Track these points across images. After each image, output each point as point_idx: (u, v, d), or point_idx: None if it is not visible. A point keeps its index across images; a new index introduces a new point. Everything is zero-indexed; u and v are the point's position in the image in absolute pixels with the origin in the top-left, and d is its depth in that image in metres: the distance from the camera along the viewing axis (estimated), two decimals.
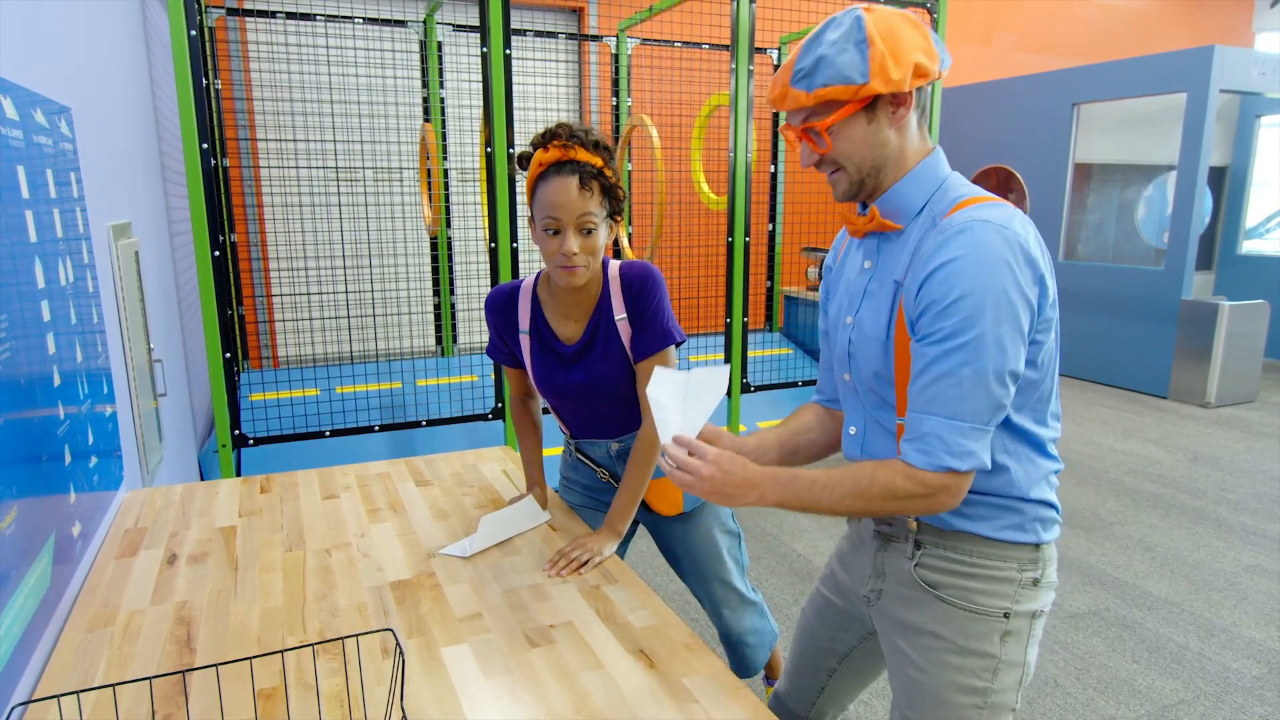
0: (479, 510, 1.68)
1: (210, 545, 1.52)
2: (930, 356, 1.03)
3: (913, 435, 1.05)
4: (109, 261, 1.87)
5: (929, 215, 1.10)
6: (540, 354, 1.62)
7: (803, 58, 1.08)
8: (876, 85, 1.04)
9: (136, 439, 1.98)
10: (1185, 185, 5.55)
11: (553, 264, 1.48)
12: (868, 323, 1.14)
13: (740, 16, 3.70)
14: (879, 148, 1.10)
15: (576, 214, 1.43)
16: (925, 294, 1.03)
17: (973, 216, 1.03)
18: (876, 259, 1.16)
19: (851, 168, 1.12)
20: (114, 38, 2.29)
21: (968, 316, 1.00)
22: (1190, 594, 2.92)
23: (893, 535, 1.22)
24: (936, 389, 1.03)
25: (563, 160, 1.43)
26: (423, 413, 3.77)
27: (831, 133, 1.09)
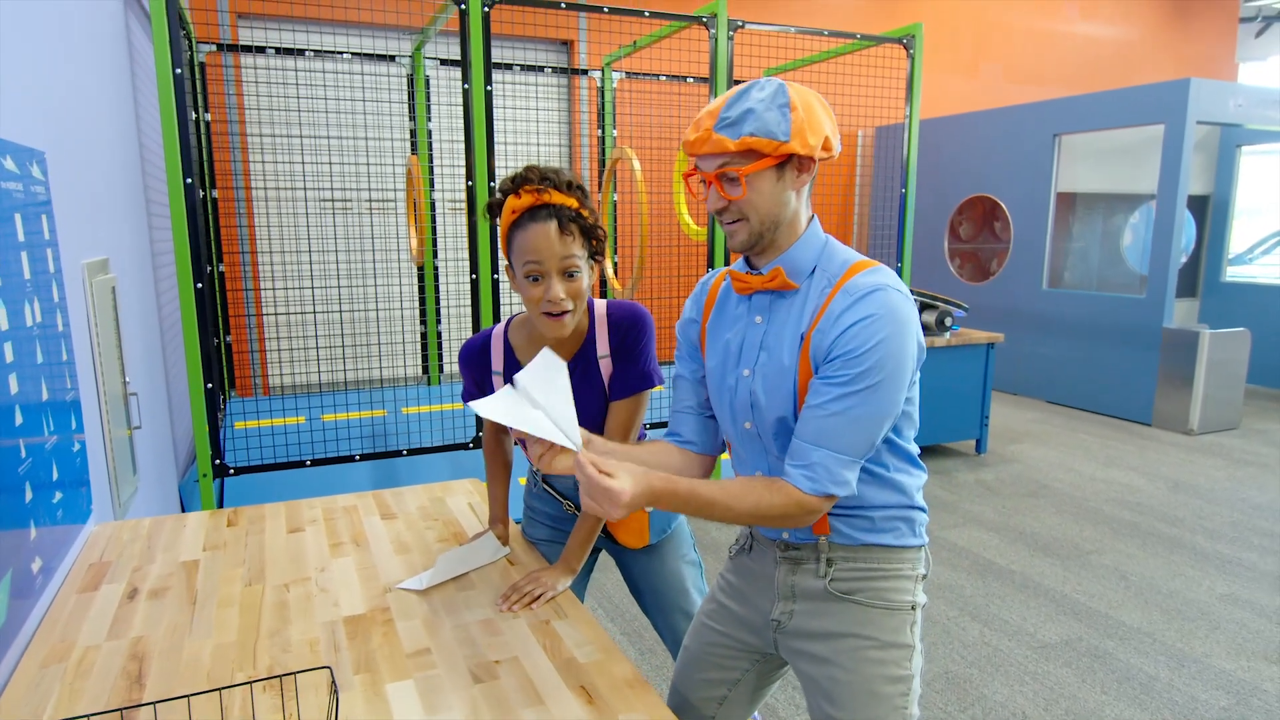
0: (441, 544, 1.70)
1: (172, 579, 1.54)
2: (830, 395, 1.14)
3: (801, 462, 1.16)
4: (83, 298, 1.91)
5: (822, 275, 1.22)
6: None
7: (729, 108, 1.16)
8: (795, 145, 1.14)
9: (108, 472, 2.00)
10: (1165, 215, 5.62)
11: (537, 311, 1.44)
12: (771, 373, 1.23)
13: (719, 51, 3.78)
14: (780, 206, 1.20)
15: (559, 258, 1.40)
16: (839, 345, 1.14)
17: (878, 281, 1.16)
18: (769, 315, 1.26)
19: (755, 219, 1.20)
20: (96, 78, 2.35)
21: (871, 368, 1.13)
22: (1163, 624, 2.94)
23: (801, 558, 1.31)
24: (830, 424, 1.14)
25: (537, 205, 1.40)
26: (407, 441, 3.80)
27: (747, 181, 1.17)
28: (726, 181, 1.18)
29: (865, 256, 1.24)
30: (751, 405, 1.27)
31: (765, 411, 1.25)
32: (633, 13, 3.74)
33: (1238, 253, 7.43)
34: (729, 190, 1.18)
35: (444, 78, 5.13)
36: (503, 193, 1.48)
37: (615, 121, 5.35)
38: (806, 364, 1.19)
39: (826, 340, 1.16)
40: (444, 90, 5.20)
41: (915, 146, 4.51)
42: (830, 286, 1.20)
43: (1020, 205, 6.54)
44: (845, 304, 1.15)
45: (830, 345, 1.15)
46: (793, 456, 1.18)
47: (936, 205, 7.18)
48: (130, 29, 3.07)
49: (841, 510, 1.26)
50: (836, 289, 1.18)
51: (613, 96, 5.30)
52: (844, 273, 1.20)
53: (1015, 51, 8.44)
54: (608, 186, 4.92)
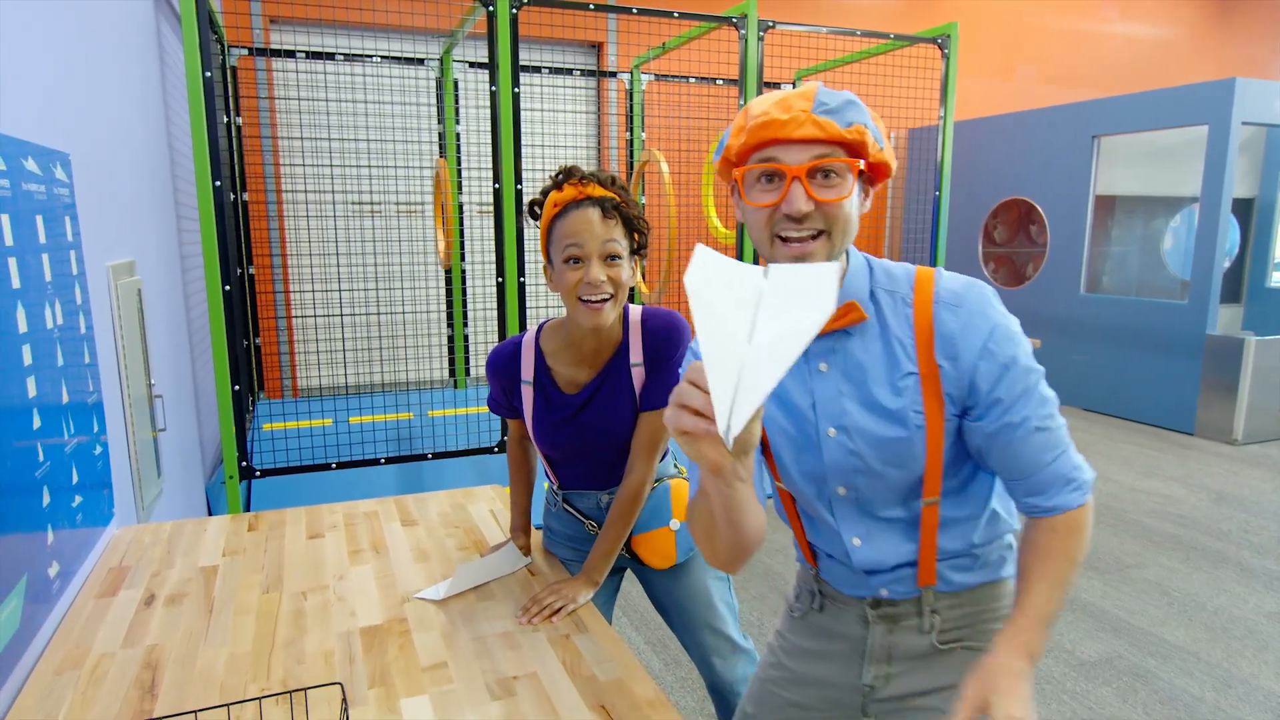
0: (462, 553, 1.67)
1: (190, 585, 1.52)
2: (1024, 409, 1.01)
3: (1057, 486, 1.03)
4: (108, 300, 1.91)
5: (888, 297, 1.05)
6: (542, 406, 1.58)
7: (826, 96, 0.97)
8: (886, 156, 1.00)
9: (132, 475, 2.00)
10: (1208, 219, 5.47)
11: (575, 298, 1.41)
12: (875, 424, 1.04)
13: (749, 52, 3.73)
14: (855, 225, 1.02)
15: (600, 240, 1.38)
16: (992, 361, 1.00)
17: (961, 277, 1.04)
18: (833, 359, 1.06)
19: (838, 234, 0.99)
20: (124, 81, 2.36)
21: (1026, 366, 1.02)
22: (1208, 642, 2.83)
23: (899, 615, 1.16)
24: (1043, 437, 1.02)
25: (580, 198, 1.40)
26: (433, 444, 3.79)
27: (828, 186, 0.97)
28: (820, 177, 0.97)
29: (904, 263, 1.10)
30: (855, 470, 1.07)
31: (884, 474, 1.06)
32: (662, 13, 3.70)
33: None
34: (822, 190, 0.96)
35: (472, 81, 5.13)
36: (544, 193, 1.48)
37: (644, 124, 5.32)
38: (936, 404, 1.02)
39: (966, 363, 1.00)
40: (472, 93, 5.21)
41: (950, 148, 4.43)
42: (910, 305, 1.03)
43: (1057, 208, 6.40)
44: (956, 319, 1.00)
45: (976, 365, 1.00)
46: (1040, 486, 1.03)
47: (970, 208, 7.05)
48: (161, 33, 3.09)
49: (947, 554, 1.12)
50: (925, 303, 1.02)
51: (641, 99, 5.27)
52: (914, 284, 1.04)
53: (1051, 52, 8.28)
54: (635, 189, 4.88)
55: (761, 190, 0.99)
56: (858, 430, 1.05)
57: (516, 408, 1.63)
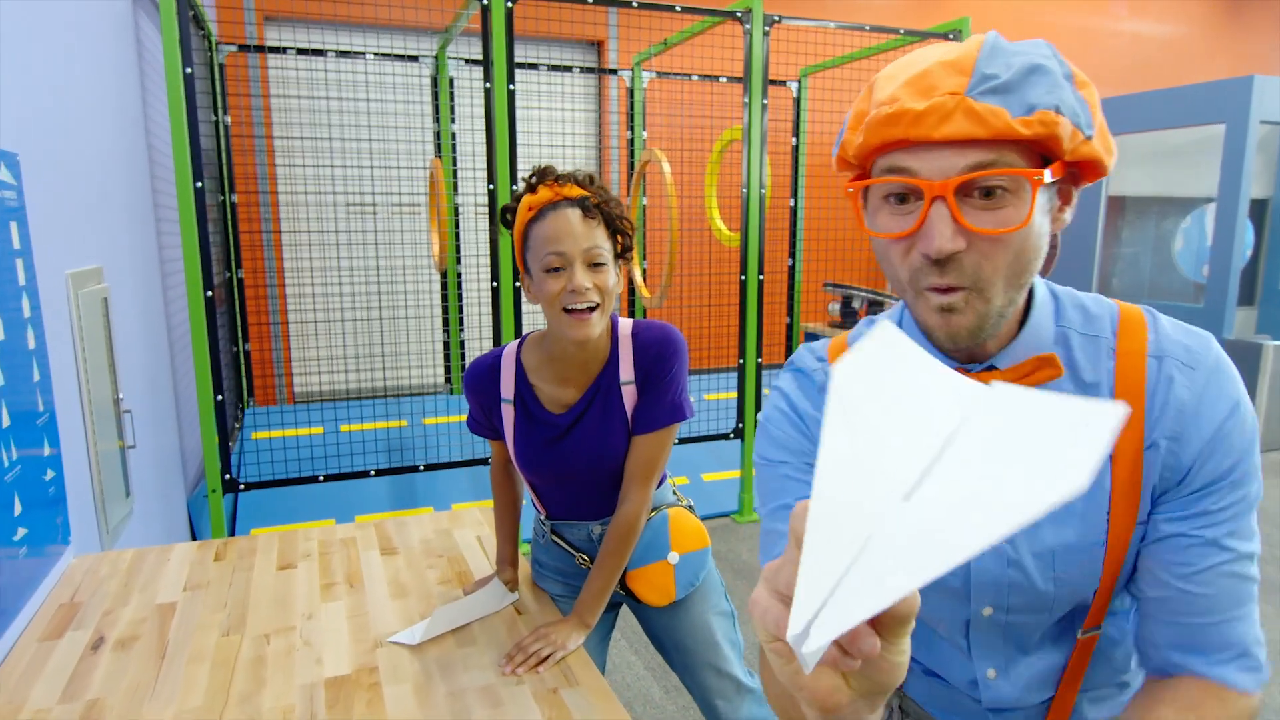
0: (443, 587, 1.54)
1: (143, 626, 1.39)
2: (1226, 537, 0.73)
3: (1231, 651, 0.73)
4: (67, 311, 1.78)
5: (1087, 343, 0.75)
6: (524, 426, 1.44)
7: (989, 63, 0.62)
8: (1097, 149, 0.64)
9: (95, 497, 1.87)
10: (1225, 220, 5.32)
11: (558, 308, 1.29)
12: (1052, 528, 0.75)
13: (754, 48, 3.59)
14: (1036, 261, 0.68)
15: (584, 245, 1.27)
16: (1212, 460, 0.72)
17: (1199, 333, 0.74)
18: None
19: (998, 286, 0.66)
20: (93, 77, 2.23)
21: (1249, 473, 0.74)
22: None
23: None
24: (1230, 584, 0.73)
25: (557, 199, 1.29)
26: (427, 455, 3.65)
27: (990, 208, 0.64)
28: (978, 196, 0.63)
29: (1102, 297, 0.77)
30: (1011, 587, 0.79)
31: (1049, 595, 0.78)
32: (664, 7, 3.56)
33: None
34: (978, 217, 0.63)
35: (469, 78, 5.00)
36: (515, 199, 1.36)
37: (645, 123, 5.18)
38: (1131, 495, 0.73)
39: (1193, 448, 0.72)
40: (469, 91, 5.07)
41: None
42: (1113, 356, 0.74)
43: None
44: (1199, 383, 0.71)
45: (1198, 456, 0.71)
46: (1206, 647, 0.74)
47: None
48: (140, 27, 2.96)
49: (1092, 684, 0.86)
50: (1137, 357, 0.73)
51: (643, 97, 5.13)
52: (1121, 328, 0.74)
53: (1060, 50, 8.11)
54: (637, 190, 4.75)
55: (890, 214, 0.67)
56: (1028, 534, 0.77)
57: (497, 428, 1.49)
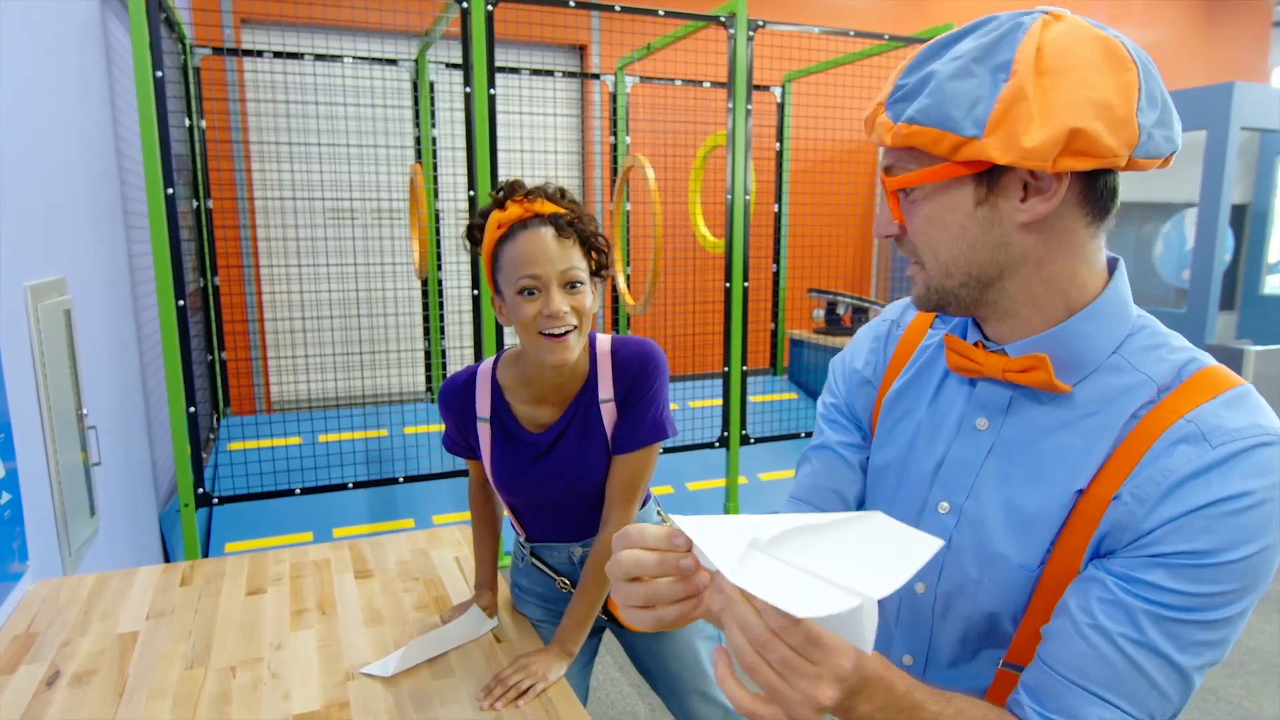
0: (419, 613, 1.48)
1: (103, 659, 1.32)
2: (1141, 616, 0.66)
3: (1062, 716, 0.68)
4: (25, 326, 1.70)
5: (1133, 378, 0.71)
6: (502, 445, 1.39)
7: (910, 70, 0.70)
8: (989, 148, 0.65)
9: (56, 518, 1.79)
10: (1206, 225, 5.35)
11: (534, 332, 1.24)
12: (999, 532, 0.74)
13: (738, 53, 3.55)
14: (988, 250, 0.71)
15: (559, 266, 1.21)
16: (1178, 534, 0.65)
17: (1266, 428, 0.66)
18: (1003, 422, 0.76)
19: (932, 265, 0.73)
20: (54, 80, 2.15)
21: (1236, 590, 0.65)
22: (1226, 678, 2.67)
23: None
24: (1138, 671, 0.66)
25: (528, 216, 1.23)
26: (407, 466, 3.59)
27: (911, 201, 0.72)
28: (904, 195, 0.74)
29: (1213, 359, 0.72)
30: (943, 568, 0.79)
31: (969, 588, 0.77)
32: (647, 12, 3.52)
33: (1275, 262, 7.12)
34: (907, 208, 0.74)
35: (450, 82, 4.94)
36: (483, 215, 1.29)
37: (628, 128, 5.14)
38: (1078, 541, 0.70)
39: (1145, 514, 0.66)
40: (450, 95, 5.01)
41: None
42: (1152, 407, 0.69)
43: None
44: (1202, 459, 0.65)
45: (1156, 528, 0.66)
46: (1048, 702, 0.69)
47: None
48: (109, 29, 2.88)
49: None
50: (1171, 417, 0.67)
51: (625, 101, 5.09)
52: (1184, 385, 0.69)
53: None
54: (620, 195, 4.70)
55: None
56: (976, 522, 0.76)
57: (474, 447, 1.44)
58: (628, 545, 0.62)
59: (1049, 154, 0.64)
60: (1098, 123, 0.64)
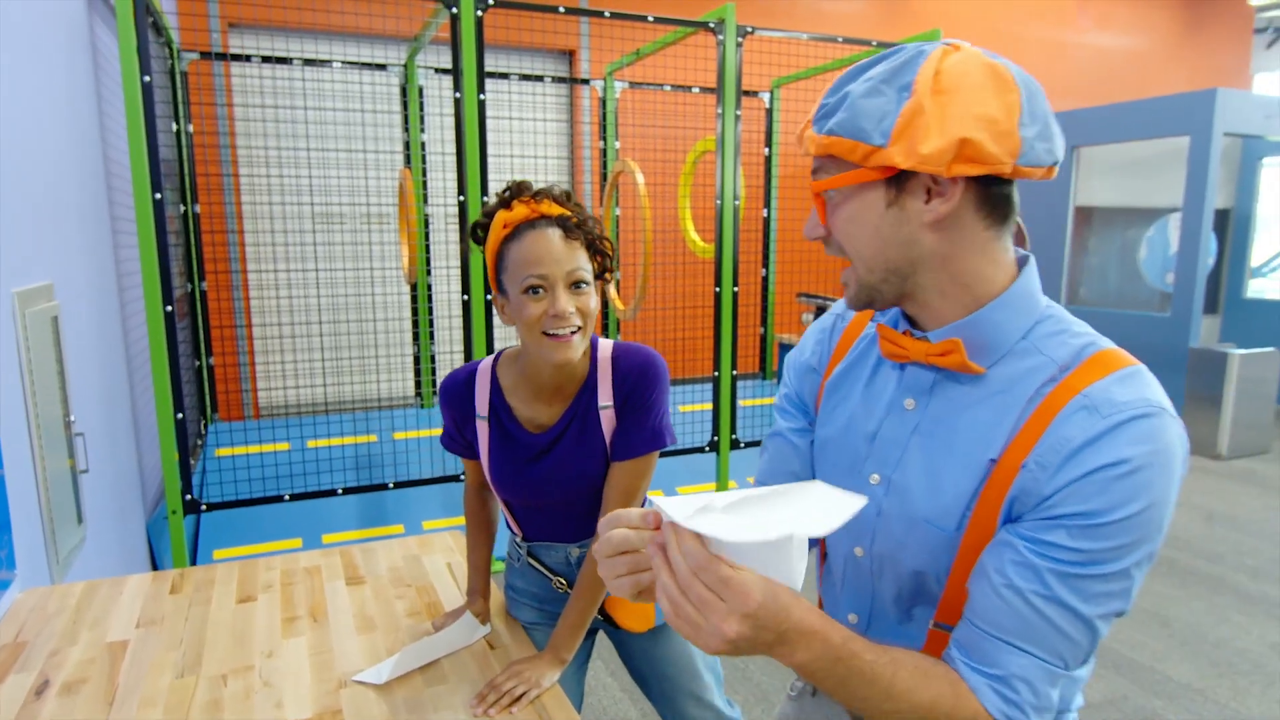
0: (411, 620, 1.47)
1: (92, 668, 1.31)
2: (1049, 573, 0.74)
3: (991, 670, 0.76)
4: (12, 332, 1.69)
5: (1039, 360, 0.80)
6: (500, 444, 1.39)
7: (833, 90, 0.80)
8: (894, 155, 0.75)
9: (44, 526, 1.78)
10: (1190, 230, 5.40)
11: (538, 332, 1.24)
12: (920, 498, 0.83)
13: (727, 59, 3.57)
14: (898, 246, 0.80)
15: (566, 267, 1.22)
16: (1073, 497, 0.73)
17: (1149, 399, 0.74)
18: (927, 402, 0.85)
19: (858, 263, 0.83)
20: (41, 85, 2.14)
21: (1127, 545, 0.73)
22: (1214, 678, 2.69)
23: None
24: (1044, 619, 0.74)
25: (534, 217, 1.24)
26: (397, 471, 3.57)
27: (830, 203, 0.82)
28: (832, 195, 0.83)
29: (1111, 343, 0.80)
30: (875, 535, 0.88)
31: (897, 551, 0.86)
32: (636, 17, 3.53)
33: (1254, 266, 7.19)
34: (830, 212, 0.83)
35: (439, 87, 4.93)
36: (488, 215, 1.30)
37: (618, 133, 5.15)
38: (992, 505, 0.78)
39: (1047, 480, 0.75)
40: (439, 100, 5.01)
41: None
42: (1054, 385, 0.77)
43: (1037, 219, 6.32)
44: (1093, 428, 0.73)
45: (1055, 492, 0.74)
46: (973, 654, 0.77)
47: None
48: (96, 34, 2.86)
49: None
50: (1069, 393, 0.76)
51: (615, 107, 5.10)
52: (1082, 365, 0.77)
53: (1028, 62, 8.19)
54: (609, 200, 4.71)
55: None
56: (900, 489, 0.85)
57: (471, 444, 1.44)
58: (614, 525, 0.72)
59: (943, 160, 0.74)
60: (983, 134, 0.73)
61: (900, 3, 7.51)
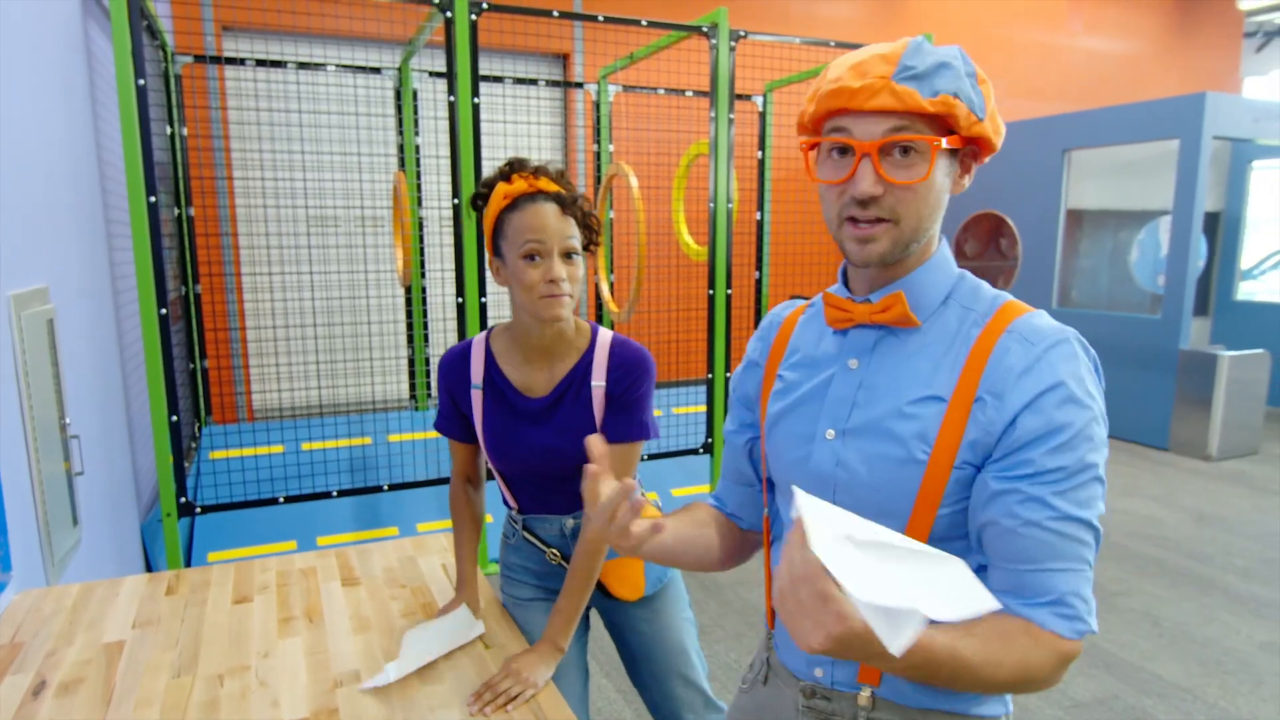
0: (406, 620, 1.48)
1: (89, 668, 1.32)
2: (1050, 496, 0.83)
3: (1046, 598, 0.83)
4: (9, 335, 1.70)
5: (961, 311, 0.91)
6: (495, 409, 1.46)
7: (913, 57, 0.84)
8: (988, 129, 0.86)
9: (39, 528, 1.78)
10: (1180, 233, 5.43)
11: (535, 295, 1.35)
12: (876, 443, 0.90)
13: (720, 62, 3.59)
14: (940, 209, 0.90)
15: (561, 237, 1.35)
16: (1037, 420, 0.83)
17: (1062, 328, 0.87)
18: (870, 358, 0.93)
19: (911, 221, 0.87)
20: (36, 88, 2.15)
21: (1095, 447, 0.84)
22: (1203, 677, 2.72)
23: (833, 713, 0.97)
24: (1067, 538, 0.83)
25: (533, 191, 1.36)
26: (391, 474, 3.58)
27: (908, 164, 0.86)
28: (897, 155, 0.85)
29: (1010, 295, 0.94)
30: (836, 485, 0.93)
31: (863, 498, 0.90)
32: (629, 22, 3.55)
33: (1245, 268, 7.25)
34: (895, 170, 0.85)
35: (434, 90, 4.95)
36: (487, 185, 1.40)
37: (611, 136, 5.16)
38: (951, 444, 0.86)
39: (1010, 406, 0.84)
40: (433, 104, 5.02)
41: None
42: (980, 328, 0.88)
43: (1028, 222, 6.36)
44: (1030, 355, 0.85)
45: (1017, 418, 0.83)
46: (1024, 592, 0.84)
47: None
48: (90, 37, 2.87)
49: None
50: (995, 330, 0.87)
51: (609, 110, 5.12)
52: (999, 310, 0.89)
53: (1020, 65, 8.29)
54: (603, 203, 4.72)
55: (832, 165, 0.89)
56: (855, 439, 0.92)
57: (466, 417, 1.50)
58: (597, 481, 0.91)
59: (999, 142, 0.89)
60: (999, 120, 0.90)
61: (892, 7, 7.55)
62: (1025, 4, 8.23)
